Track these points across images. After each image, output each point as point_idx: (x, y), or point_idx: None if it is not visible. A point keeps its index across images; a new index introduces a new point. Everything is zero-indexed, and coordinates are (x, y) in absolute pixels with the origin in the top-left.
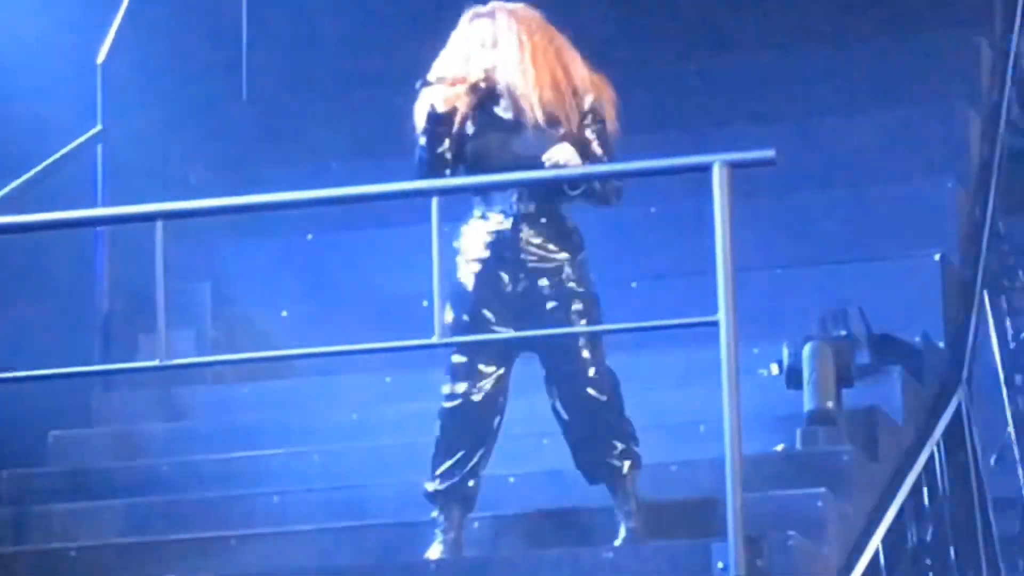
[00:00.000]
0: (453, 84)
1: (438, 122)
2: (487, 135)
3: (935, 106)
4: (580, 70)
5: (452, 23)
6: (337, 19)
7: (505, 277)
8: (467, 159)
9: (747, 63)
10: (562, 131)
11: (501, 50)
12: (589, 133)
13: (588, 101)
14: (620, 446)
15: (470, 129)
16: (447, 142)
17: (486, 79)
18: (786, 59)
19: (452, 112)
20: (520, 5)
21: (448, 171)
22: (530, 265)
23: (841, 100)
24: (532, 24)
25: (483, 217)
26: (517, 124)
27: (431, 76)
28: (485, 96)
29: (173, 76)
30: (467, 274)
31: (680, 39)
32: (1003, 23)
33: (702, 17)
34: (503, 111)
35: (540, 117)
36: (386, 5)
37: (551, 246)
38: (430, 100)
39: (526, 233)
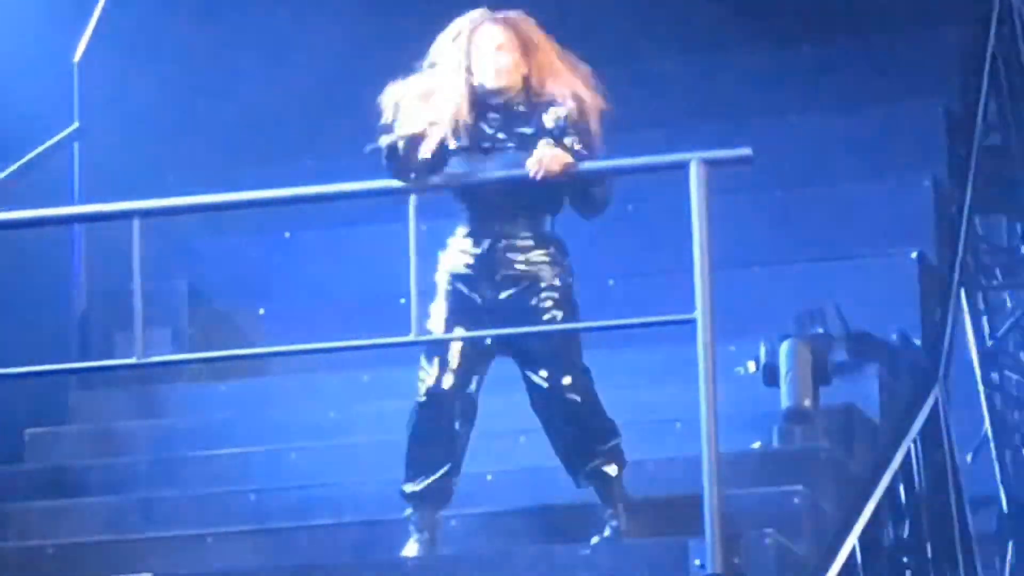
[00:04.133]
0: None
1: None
2: (471, 153)
3: (911, 104)
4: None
5: (425, 21)
6: (316, 17)
7: (486, 291)
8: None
9: (725, 61)
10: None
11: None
12: (568, 141)
13: (564, 112)
14: (604, 449)
15: (452, 145)
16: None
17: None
18: (764, 57)
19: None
20: (514, 12)
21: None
22: (509, 278)
23: (818, 98)
24: (532, 32)
25: (467, 236)
26: (502, 140)
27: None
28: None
29: (150, 74)
30: (444, 292)
31: (658, 38)
32: (979, 18)
33: (681, 16)
34: (490, 125)
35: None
36: (363, 4)
37: (533, 258)
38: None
39: (507, 251)
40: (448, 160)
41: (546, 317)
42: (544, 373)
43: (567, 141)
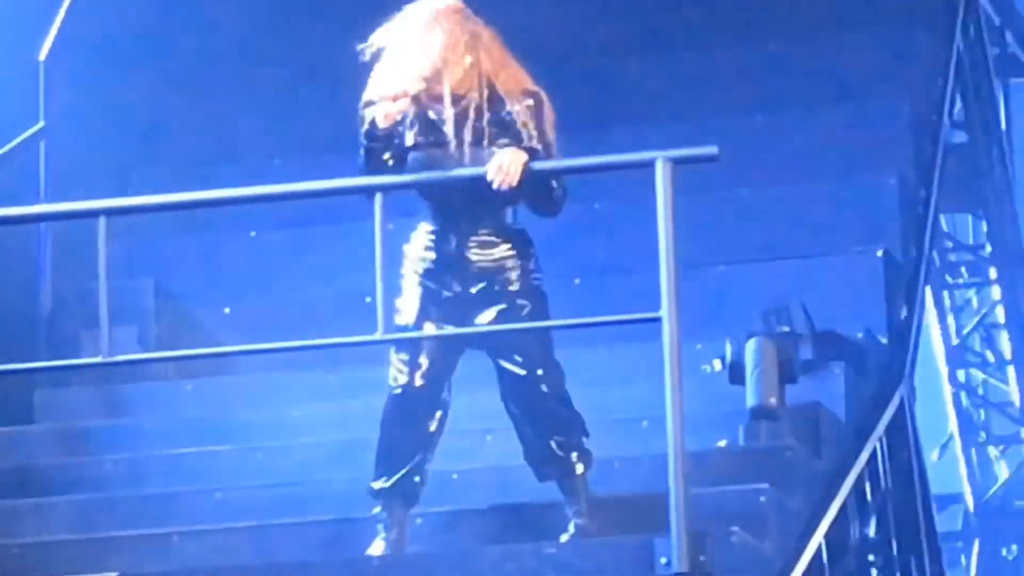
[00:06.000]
0: (394, 99)
1: (374, 139)
2: (428, 148)
3: (878, 103)
4: (515, 74)
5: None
6: (280, 15)
7: (452, 286)
8: (409, 170)
9: (690, 60)
10: (503, 141)
11: (442, 56)
12: (527, 137)
13: (523, 107)
14: (570, 445)
15: (410, 140)
16: (387, 156)
17: (427, 88)
18: (729, 55)
19: (392, 128)
20: (452, 3)
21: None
22: (476, 272)
23: (784, 96)
24: (471, 28)
25: (429, 232)
26: (457, 135)
27: (372, 94)
28: (426, 105)
29: (115, 73)
30: (413, 286)
31: (624, 36)
32: (945, 17)
33: (644, 14)
34: (442, 122)
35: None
36: (332, 4)
37: (497, 253)
38: (371, 116)
39: (472, 247)
40: (407, 156)
41: (515, 308)
42: (518, 361)
43: (525, 138)
